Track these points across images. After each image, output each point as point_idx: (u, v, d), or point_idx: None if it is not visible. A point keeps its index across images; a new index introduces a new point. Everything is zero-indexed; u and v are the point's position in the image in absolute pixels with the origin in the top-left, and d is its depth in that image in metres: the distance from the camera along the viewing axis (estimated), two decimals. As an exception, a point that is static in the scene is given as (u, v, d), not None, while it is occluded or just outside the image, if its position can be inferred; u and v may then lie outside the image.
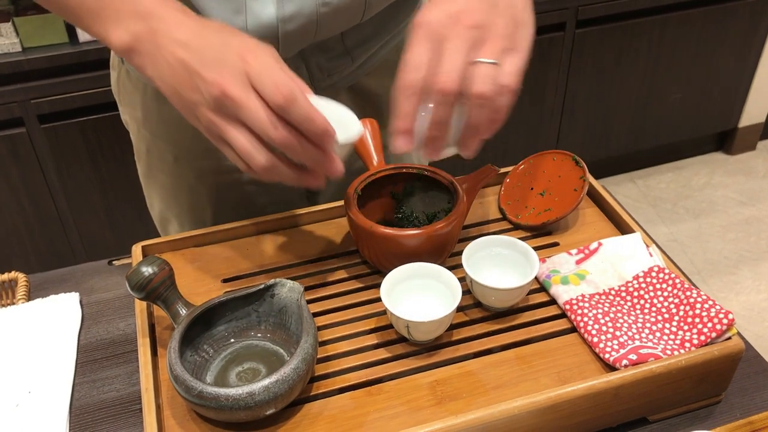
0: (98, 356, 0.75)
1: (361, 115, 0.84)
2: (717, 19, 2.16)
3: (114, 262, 0.89)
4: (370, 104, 0.90)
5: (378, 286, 0.73)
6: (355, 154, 0.78)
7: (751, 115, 2.46)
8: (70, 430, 0.67)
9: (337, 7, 0.73)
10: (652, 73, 2.20)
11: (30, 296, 0.83)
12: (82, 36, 1.57)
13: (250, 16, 0.70)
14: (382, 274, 0.69)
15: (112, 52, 0.88)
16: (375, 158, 0.77)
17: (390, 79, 0.89)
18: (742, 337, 0.67)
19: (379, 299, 0.72)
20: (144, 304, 0.70)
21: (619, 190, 2.44)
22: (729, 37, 2.22)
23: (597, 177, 0.85)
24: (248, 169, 0.60)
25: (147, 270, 0.63)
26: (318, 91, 0.83)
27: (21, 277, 0.85)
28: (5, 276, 0.86)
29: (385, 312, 0.70)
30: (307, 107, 0.57)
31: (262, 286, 0.66)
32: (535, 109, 2.10)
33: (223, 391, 0.57)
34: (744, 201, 2.37)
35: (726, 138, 2.55)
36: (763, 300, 2.03)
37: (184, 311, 0.64)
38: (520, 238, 0.72)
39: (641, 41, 2.11)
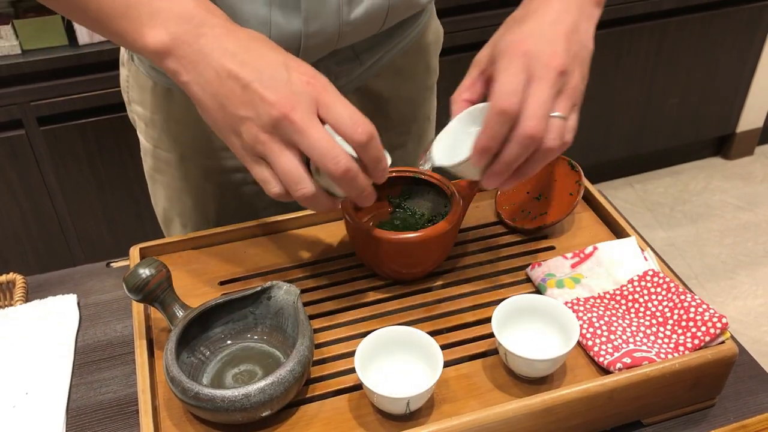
0: (95, 358, 0.75)
1: (366, 116, 0.84)
2: (715, 25, 2.17)
3: (112, 264, 0.89)
4: (377, 106, 0.90)
5: (374, 289, 0.74)
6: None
7: (748, 120, 2.47)
8: (66, 431, 0.68)
9: (359, 24, 0.74)
10: (651, 78, 2.21)
11: (28, 298, 0.83)
12: (82, 38, 1.57)
13: (275, 29, 0.71)
14: (379, 276, 0.69)
15: (121, 50, 0.89)
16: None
17: (396, 81, 0.91)
18: (736, 341, 0.67)
19: (375, 302, 0.72)
20: (141, 306, 0.70)
21: (617, 194, 2.44)
22: (727, 43, 2.23)
23: (595, 181, 0.86)
24: (280, 194, 0.58)
25: (144, 272, 0.64)
26: None
27: (19, 279, 0.85)
28: (3, 278, 0.86)
29: (381, 315, 0.70)
30: (380, 146, 0.58)
31: (259, 289, 0.66)
32: (534, 113, 2.10)
33: (219, 392, 0.57)
34: (742, 206, 2.38)
35: (724, 143, 2.56)
36: (761, 305, 2.04)
37: (181, 313, 0.65)
38: (516, 242, 0.72)
39: (639, 46, 2.12)
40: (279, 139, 0.56)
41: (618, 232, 0.79)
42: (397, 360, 0.64)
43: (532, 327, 0.67)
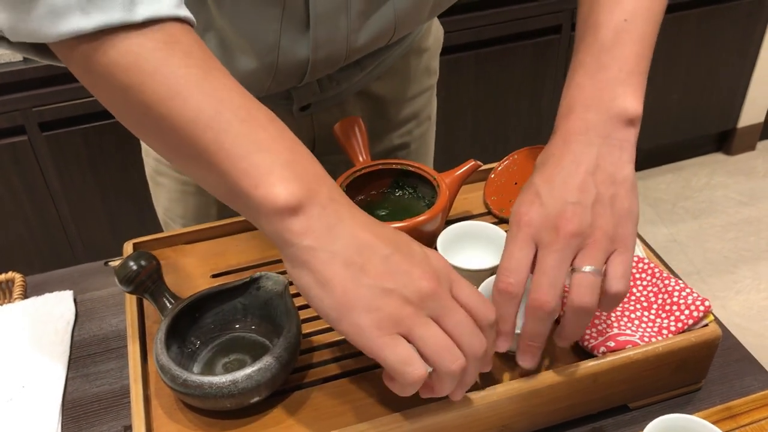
0: (91, 351, 0.76)
1: (367, 119, 0.86)
2: (714, 20, 2.17)
3: (110, 263, 0.90)
4: (378, 108, 0.91)
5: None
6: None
7: (750, 115, 2.47)
8: (62, 422, 0.69)
9: (366, 46, 0.76)
10: (651, 74, 2.20)
11: (26, 296, 0.85)
12: (82, 44, 1.59)
13: (282, 56, 0.72)
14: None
15: None
16: (361, 155, 0.79)
17: (397, 83, 0.92)
18: (721, 325, 0.68)
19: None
20: (134, 298, 0.72)
21: (619, 191, 2.44)
22: (726, 37, 2.23)
23: None
24: (422, 376, 0.51)
25: (134, 264, 0.65)
26: (326, 98, 0.85)
27: (18, 277, 0.87)
28: (2, 276, 0.87)
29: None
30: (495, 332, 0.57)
31: (248, 279, 0.68)
32: (533, 111, 2.11)
33: (207, 379, 0.58)
34: (744, 201, 2.38)
35: (725, 138, 2.56)
36: (763, 299, 2.04)
37: (171, 304, 0.66)
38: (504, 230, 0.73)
39: (638, 43, 2.12)
40: (425, 313, 0.51)
41: (605, 221, 0.80)
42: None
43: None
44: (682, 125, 2.38)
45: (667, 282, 0.68)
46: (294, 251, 0.51)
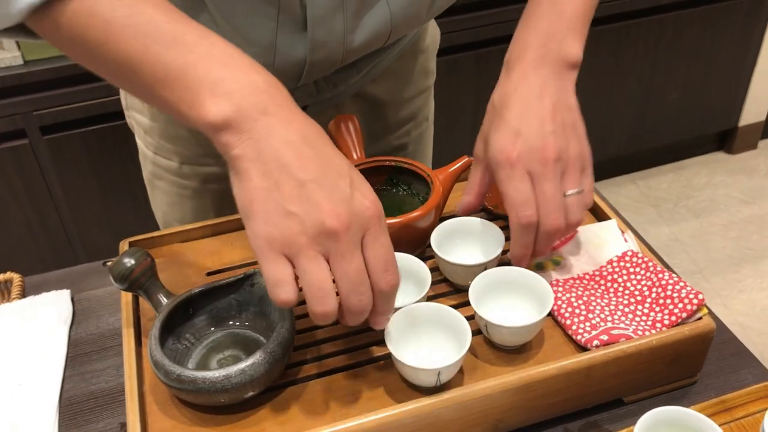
0: (88, 350, 0.77)
1: (364, 121, 0.86)
2: (714, 18, 2.17)
3: (107, 263, 0.90)
4: (376, 110, 0.92)
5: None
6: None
7: (751, 114, 2.47)
8: (59, 420, 0.69)
9: (363, 48, 0.76)
10: (650, 73, 2.21)
11: (25, 295, 0.85)
12: (82, 48, 1.60)
13: (279, 57, 0.72)
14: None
15: None
16: (355, 152, 0.79)
17: (394, 84, 0.92)
18: (715, 318, 0.68)
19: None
20: (129, 295, 0.72)
21: (620, 191, 2.44)
22: (726, 36, 2.23)
23: (597, 179, 0.86)
24: (289, 301, 0.53)
25: (129, 261, 0.65)
26: (323, 100, 0.85)
27: (16, 278, 0.87)
28: (1, 277, 0.88)
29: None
30: (393, 303, 0.58)
31: (242, 276, 0.68)
32: (533, 111, 2.11)
33: (200, 374, 0.58)
34: (746, 200, 2.37)
35: (726, 137, 2.55)
36: (766, 297, 2.03)
37: (166, 301, 0.66)
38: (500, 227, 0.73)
39: (638, 42, 2.12)
40: (318, 249, 0.52)
41: (599, 216, 0.80)
42: (423, 334, 0.65)
43: (508, 298, 0.68)
44: (683, 124, 2.38)
45: (660, 276, 0.68)
46: (227, 158, 0.54)
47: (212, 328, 0.68)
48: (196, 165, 0.89)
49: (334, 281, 0.53)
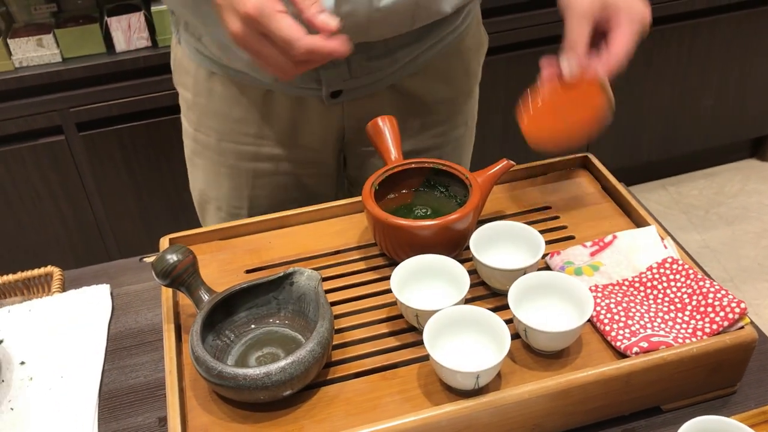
0: (127, 344, 0.78)
1: (400, 115, 0.86)
2: (747, 24, 2.14)
3: (145, 259, 0.92)
4: (412, 107, 0.91)
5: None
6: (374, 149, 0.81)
7: (785, 121, 2.42)
8: (99, 412, 0.70)
9: (388, 13, 0.75)
10: (683, 79, 2.19)
11: (64, 289, 0.86)
12: (119, 46, 1.62)
13: None
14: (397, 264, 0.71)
15: (173, 33, 0.92)
16: (393, 153, 0.79)
17: (433, 82, 0.92)
18: (757, 328, 0.67)
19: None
20: (170, 291, 0.73)
21: (651, 197, 2.41)
22: (760, 42, 2.20)
23: (628, 184, 0.86)
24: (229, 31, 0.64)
25: (171, 257, 0.66)
26: (358, 87, 0.86)
27: (56, 272, 0.89)
28: (42, 270, 0.89)
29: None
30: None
31: (282, 275, 0.68)
32: (564, 115, 2.10)
33: (241, 371, 0.59)
34: (779, 208, 2.34)
35: (760, 144, 2.52)
36: (798, 307, 2.00)
37: (207, 297, 0.67)
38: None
39: (671, 47, 2.10)
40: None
41: (638, 222, 0.79)
42: (462, 337, 0.65)
43: (546, 303, 0.68)
44: (715, 131, 2.34)
45: (701, 284, 0.68)
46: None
47: (252, 326, 0.69)
48: (232, 142, 0.91)
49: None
